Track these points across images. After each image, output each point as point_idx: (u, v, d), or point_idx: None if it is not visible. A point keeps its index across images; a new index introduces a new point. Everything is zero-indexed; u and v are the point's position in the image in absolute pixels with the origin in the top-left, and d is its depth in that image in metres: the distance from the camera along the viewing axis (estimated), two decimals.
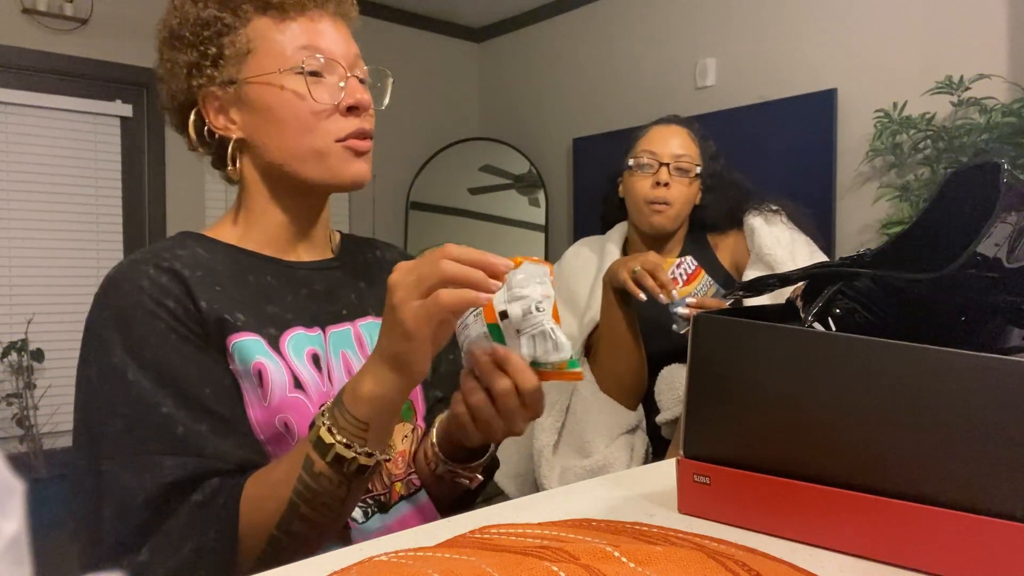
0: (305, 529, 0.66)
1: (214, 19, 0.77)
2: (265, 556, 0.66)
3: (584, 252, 1.61)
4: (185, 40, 0.78)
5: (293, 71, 0.76)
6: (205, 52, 0.77)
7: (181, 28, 0.78)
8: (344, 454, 0.64)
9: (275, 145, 0.78)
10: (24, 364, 3.11)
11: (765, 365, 0.57)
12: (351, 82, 0.79)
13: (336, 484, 0.65)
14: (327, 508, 0.66)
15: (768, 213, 1.47)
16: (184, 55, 0.78)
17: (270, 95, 0.77)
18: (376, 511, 0.80)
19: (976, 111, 2.47)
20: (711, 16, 3.38)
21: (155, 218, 3.60)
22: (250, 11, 0.77)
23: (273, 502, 0.65)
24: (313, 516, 0.66)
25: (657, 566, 0.45)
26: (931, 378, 0.49)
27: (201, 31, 0.77)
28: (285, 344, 0.76)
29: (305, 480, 0.65)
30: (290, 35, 0.77)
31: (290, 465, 0.66)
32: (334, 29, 0.80)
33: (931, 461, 0.49)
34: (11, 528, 0.22)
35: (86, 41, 3.36)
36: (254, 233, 0.82)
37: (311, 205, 0.85)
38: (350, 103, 0.78)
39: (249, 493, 0.67)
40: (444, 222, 4.29)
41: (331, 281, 0.85)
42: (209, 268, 0.75)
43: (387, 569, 0.46)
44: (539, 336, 0.67)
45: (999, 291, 0.54)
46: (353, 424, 0.65)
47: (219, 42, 0.77)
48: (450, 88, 4.50)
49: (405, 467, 0.84)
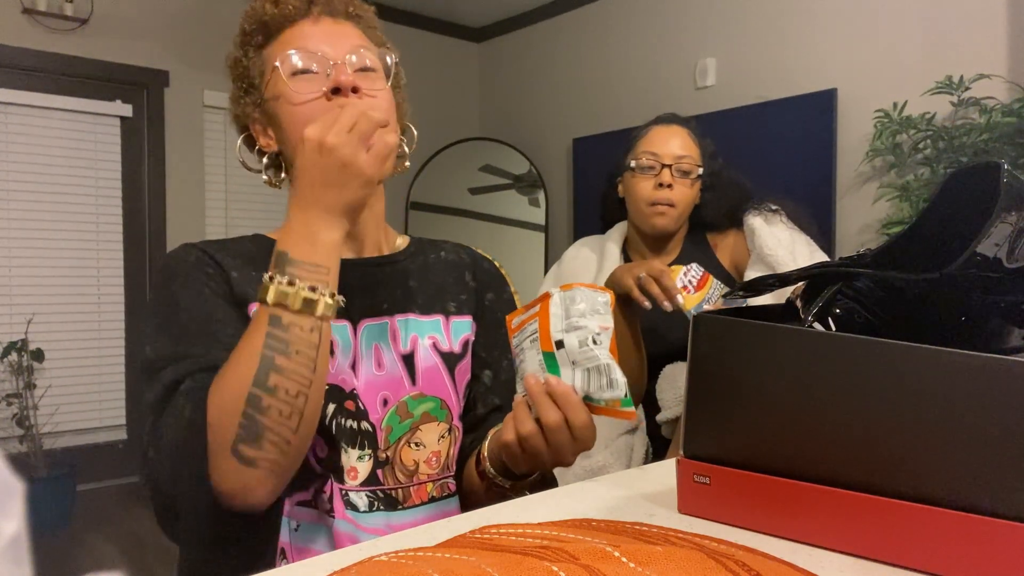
0: (286, 383, 0.67)
1: (240, 56, 0.88)
2: (249, 422, 0.67)
3: (584, 252, 1.61)
4: (231, 75, 0.90)
5: (277, 76, 0.83)
6: (241, 85, 0.88)
7: (229, 71, 0.90)
8: (311, 296, 0.68)
9: (290, 148, 0.84)
10: (24, 364, 3.11)
11: (765, 365, 0.57)
12: (337, 68, 0.82)
13: (308, 330, 0.68)
14: (304, 357, 0.68)
15: (768, 213, 1.47)
16: (233, 91, 0.90)
17: (275, 106, 0.84)
18: (383, 507, 0.80)
19: (976, 111, 2.47)
20: (711, 16, 3.38)
21: (155, 218, 3.60)
22: (261, 40, 0.87)
23: (244, 365, 0.67)
24: (291, 367, 0.67)
25: (657, 566, 0.45)
26: (931, 378, 0.49)
27: (236, 68, 0.89)
28: None
29: (275, 334, 0.67)
30: (281, 46, 0.84)
31: (255, 330, 0.69)
32: (317, 28, 0.84)
33: (931, 461, 0.49)
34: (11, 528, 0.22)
35: (86, 41, 3.36)
36: None
37: None
38: (331, 86, 0.81)
39: (220, 369, 0.70)
40: (444, 222, 4.30)
41: (370, 278, 0.87)
42: (250, 258, 0.83)
43: (387, 569, 0.46)
44: (594, 371, 0.67)
45: (999, 291, 0.54)
46: (314, 269, 0.69)
47: (247, 74, 0.88)
48: (450, 88, 4.50)
49: (440, 468, 0.85)
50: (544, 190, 4.18)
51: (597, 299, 0.68)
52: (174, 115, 3.63)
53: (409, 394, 0.83)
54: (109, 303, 3.53)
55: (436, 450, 0.84)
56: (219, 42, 4.43)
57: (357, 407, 0.80)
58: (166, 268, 0.81)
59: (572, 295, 0.70)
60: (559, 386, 0.69)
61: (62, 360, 3.34)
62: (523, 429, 0.71)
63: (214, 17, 3.65)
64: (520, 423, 0.71)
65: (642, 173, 1.46)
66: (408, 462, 0.82)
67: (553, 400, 0.69)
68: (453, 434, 0.86)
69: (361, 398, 0.80)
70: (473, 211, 4.28)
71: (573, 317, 0.67)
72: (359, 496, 0.79)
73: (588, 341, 0.67)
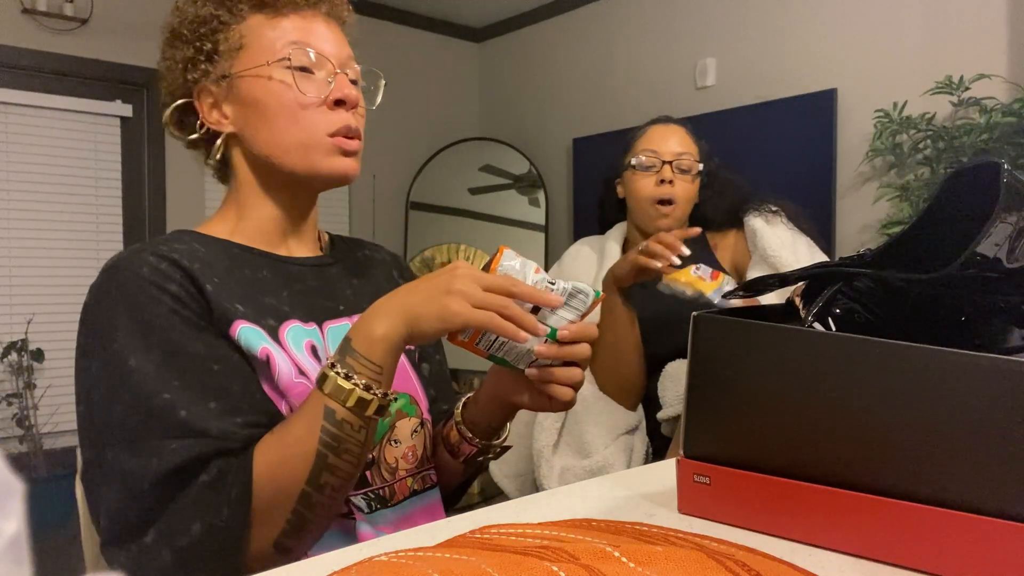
0: (333, 480, 0.67)
1: (210, 16, 0.80)
2: (295, 519, 0.67)
3: (584, 252, 1.61)
4: (183, 37, 0.81)
5: (281, 64, 0.79)
6: (201, 48, 0.80)
7: (181, 26, 0.81)
8: (365, 396, 0.66)
9: (263, 138, 0.80)
10: (24, 364, 3.11)
11: (765, 365, 0.57)
12: (339, 78, 0.81)
13: (357, 429, 0.67)
14: (351, 455, 0.67)
15: (768, 214, 1.47)
16: (181, 52, 0.81)
17: (258, 87, 0.79)
18: (379, 506, 0.80)
19: (976, 111, 2.47)
20: (711, 16, 3.38)
21: (155, 218, 3.60)
22: (245, 9, 0.80)
23: (299, 459, 0.66)
24: (340, 464, 0.67)
25: (657, 566, 0.45)
26: (931, 378, 0.49)
27: (198, 28, 0.80)
28: (284, 335, 0.77)
29: (329, 429, 0.66)
30: (281, 31, 0.79)
31: (309, 419, 0.67)
32: (326, 28, 0.82)
33: (931, 461, 0.49)
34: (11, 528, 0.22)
35: (86, 41, 3.36)
36: (245, 227, 0.84)
37: (300, 200, 0.86)
38: (337, 96, 0.80)
39: (266, 459, 0.67)
40: (444, 222, 4.29)
41: (325, 278, 0.87)
42: (205, 261, 0.76)
43: (387, 569, 0.46)
44: (571, 298, 0.70)
45: (999, 291, 0.54)
46: (370, 367, 0.67)
47: (214, 38, 0.80)
48: (450, 88, 4.50)
49: (416, 462, 0.85)
50: (544, 190, 4.18)
51: (516, 265, 0.71)
52: None
53: None
54: None
55: (411, 444, 0.84)
56: None
57: None
58: (118, 289, 0.71)
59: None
60: (578, 328, 0.71)
61: (62, 360, 3.34)
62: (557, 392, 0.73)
63: None
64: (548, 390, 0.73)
65: (643, 171, 1.46)
66: (390, 460, 0.82)
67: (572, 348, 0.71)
68: (425, 427, 0.87)
69: None
70: (473, 211, 4.28)
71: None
72: (359, 500, 0.79)
73: (547, 287, 0.70)
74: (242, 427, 0.69)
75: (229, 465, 0.67)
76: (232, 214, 0.85)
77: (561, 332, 0.70)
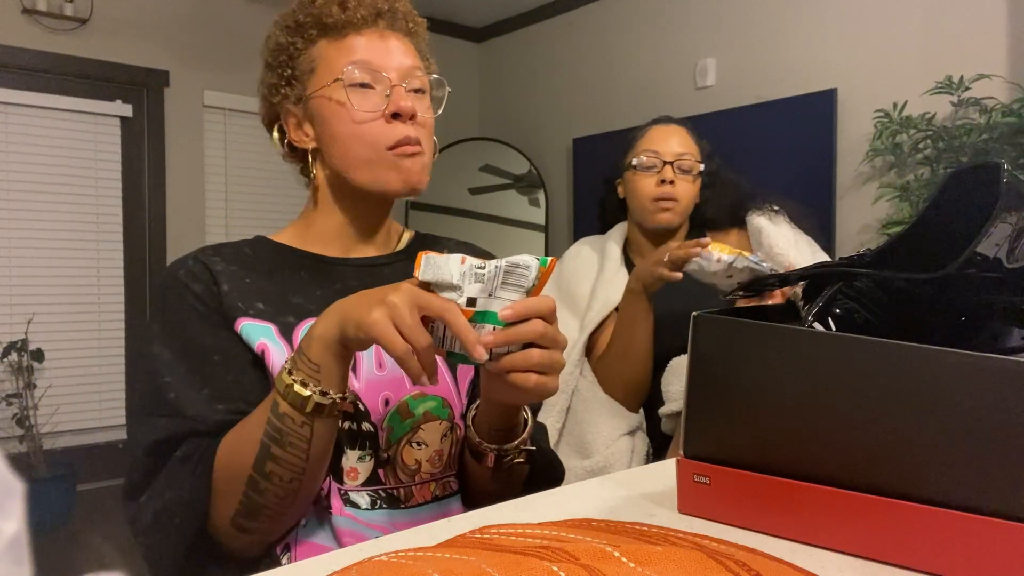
0: (278, 470, 0.70)
1: (287, 44, 0.87)
2: (247, 500, 0.71)
3: (585, 251, 1.61)
4: (268, 65, 0.89)
5: (339, 84, 0.83)
6: (282, 73, 0.87)
7: (267, 55, 0.89)
8: (301, 392, 0.68)
9: (335, 153, 0.85)
10: (24, 364, 3.11)
11: (765, 365, 0.57)
12: (396, 90, 0.84)
13: (299, 424, 0.69)
14: (295, 448, 0.70)
15: (771, 213, 1.47)
16: (268, 77, 0.89)
17: (325, 108, 0.84)
18: (385, 505, 0.80)
19: (976, 111, 2.47)
20: (711, 16, 3.38)
21: (155, 218, 3.60)
22: (315, 34, 0.86)
23: (248, 445, 0.71)
24: (284, 456, 0.69)
25: (657, 566, 0.45)
26: (931, 378, 0.49)
27: (278, 55, 0.87)
28: (298, 332, 0.81)
29: (272, 421, 0.69)
30: (344, 52, 0.84)
31: (261, 411, 0.71)
32: (383, 43, 0.85)
33: (931, 461, 0.49)
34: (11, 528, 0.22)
35: (86, 41, 3.36)
36: (311, 233, 0.90)
37: (370, 210, 0.90)
38: (392, 110, 0.83)
39: (228, 441, 0.73)
40: (444, 222, 4.30)
41: (373, 277, 0.88)
42: (246, 263, 0.84)
43: (387, 569, 0.46)
44: (508, 275, 0.65)
45: (999, 291, 0.54)
46: (308, 365, 0.69)
47: (292, 64, 0.87)
48: (450, 88, 4.50)
49: (442, 466, 0.85)
50: (544, 190, 4.18)
51: (440, 262, 0.65)
52: (174, 115, 3.63)
53: (410, 393, 0.83)
54: (109, 303, 3.52)
55: (439, 448, 0.84)
56: (219, 42, 4.46)
57: (357, 409, 0.80)
58: (161, 286, 0.83)
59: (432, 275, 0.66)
60: (521, 306, 0.64)
61: (62, 360, 3.34)
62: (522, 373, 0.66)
63: (214, 17, 3.64)
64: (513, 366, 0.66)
65: (644, 171, 1.47)
66: (409, 461, 0.82)
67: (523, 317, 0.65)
68: (455, 432, 0.87)
69: (362, 399, 0.80)
70: (473, 211, 4.28)
71: (450, 283, 0.65)
72: (360, 495, 0.79)
73: (477, 275, 0.64)
74: (222, 413, 0.76)
75: (199, 445, 0.74)
76: (304, 221, 0.91)
77: (502, 313, 0.64)
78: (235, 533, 0.73)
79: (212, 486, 0.72)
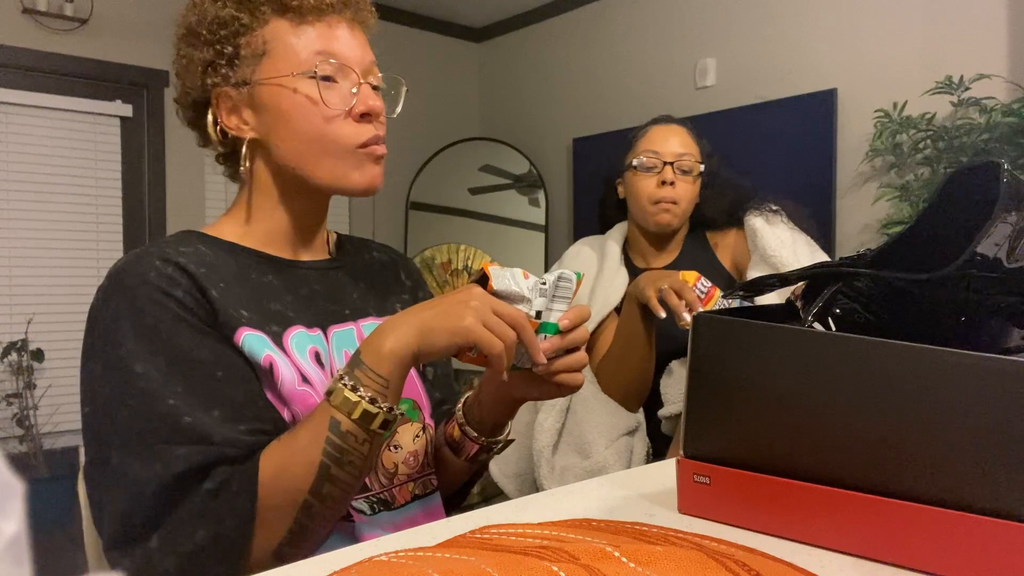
0: (335, 491, 0.68)
1: (232, 18, 0.77)
2: (296, 527, 0.68)
3: (585, 251, 1.61)
4: (202, 38, 0.78)
5: (306, 75, 0.77)
6: (221, 51, 0.78)
7: (199, 25, 0.78)
8: (370, 410, 0.66)
9: (288, 147, 0.78)
10: (24, 364, 3.11)
11: (765, 365, 0.57)
12: (364, 88, 0.79)
13: (361, 441, 0.67)
14: (353, 467, 0.68)
15: (769, 213, 1.47)
16: (200, 53, 0.79)
17: (283, 98, 0.77)
18: (381, 508, 0.80)
19: (976, 111, 2.47)
20: (711, 16, 3.38)
21: (155, 218, 3.60)
22: (268, 12, 0.77)
23: (302, 467, 0.66)
24: (342, 476, 0.67)
25: (657, 566, 0.45)
26: (931, 378, 0.49)
27: (218, 30, 0.77)
28: (288, 341, 0.77)
29: (333, 440, 0.66)
30: (306, 39, 0.77)
31: (314, 429, 0.67)
32: (350, 35, 0.80)
33: (931, 461, 0.49)
34: (11, 528, 0.22)
35: (86, 41, 3.36)
36: (256, 232, 0.83)
37: (317, 207, 0.86)
38: (362, 110, 0.79)
39: (271, 463, 0.67)
40: (444, 222, 4.29)
41: (332, 281, 0.86)
42: (212, 265, 0.75)
43: (387, 569, 0.46)
44: (557, 288, 0.72)
45: (999, 291, 0.54)
46: (377, 380, 0.67)
47: (235, 42, 0.78)
48: (450, 88, 4.50)
49: (419, 467, 0.85)
50: (544, 190, 4.18)
51: (509, 274, 0.73)
52: (174, 115, 3.60)
53: None
54: None
55: (413, 450, 0.84)
56: None
57: None
58: (123, 291, 0.70)
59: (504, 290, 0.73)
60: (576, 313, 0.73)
61: (62, 360, 3.34)
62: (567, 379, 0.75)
63: None
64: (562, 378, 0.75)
65: (644, 171, 1.46)
66: (388, 464, 0.82)
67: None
68: (427, 432, 0.87)
69: None
70: (473, 211, 4.28)
71: (519, 294, 0.72)
72: (360, 503, 0.79)
73: (541, 289, 0.72)
74: (246, 434, 0.69)
75: (233, 473, 0.66)
76: (243, 217, 0.83)
77: (562, 322, 0.72)
78: (271, 562, 0.67)
79: (257, 516, 0.66)
